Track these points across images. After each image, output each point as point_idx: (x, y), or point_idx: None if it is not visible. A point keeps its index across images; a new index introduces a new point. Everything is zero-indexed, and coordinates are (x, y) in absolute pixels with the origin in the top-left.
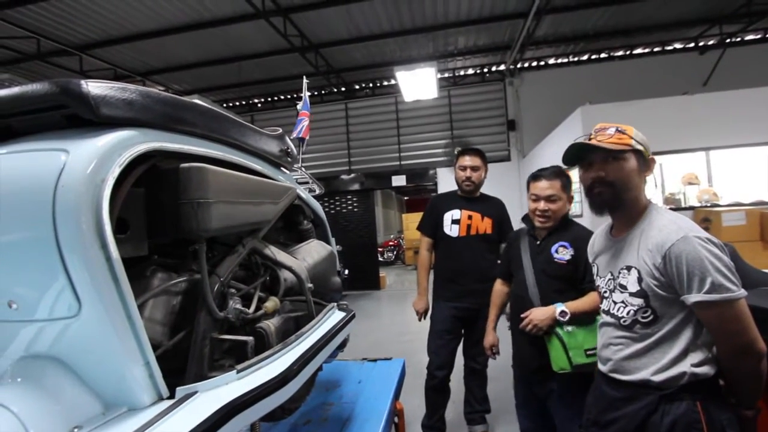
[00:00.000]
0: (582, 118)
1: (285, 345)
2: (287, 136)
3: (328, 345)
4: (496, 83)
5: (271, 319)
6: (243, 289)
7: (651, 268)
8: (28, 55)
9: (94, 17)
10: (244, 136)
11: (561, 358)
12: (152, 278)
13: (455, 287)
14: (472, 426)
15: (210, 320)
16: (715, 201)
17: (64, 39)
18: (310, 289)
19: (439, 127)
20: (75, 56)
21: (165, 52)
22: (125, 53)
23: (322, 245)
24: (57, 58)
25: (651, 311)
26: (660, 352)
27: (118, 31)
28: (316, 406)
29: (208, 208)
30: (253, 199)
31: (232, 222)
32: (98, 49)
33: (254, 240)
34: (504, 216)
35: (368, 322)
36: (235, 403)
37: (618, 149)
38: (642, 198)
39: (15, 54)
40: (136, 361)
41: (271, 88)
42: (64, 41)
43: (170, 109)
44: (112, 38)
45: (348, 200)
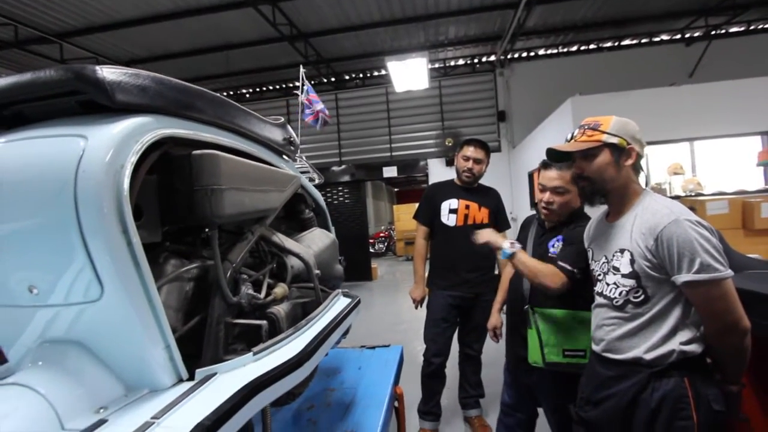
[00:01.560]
0: (572, 109)
1: (297, 329)
2: (289, 125)
3: (337, 329)
4: (487, 74)
5: (281, 304)
6: (253, 276)
7: (643, 250)
8: (5, 43)
9: (74, 3)
10: (250, 124)
11: (535, 352)
12: (166, 264)
13: (452, 276)
14: (467, 410)
15: (224, 305)
16: (699, 190)
17: (43, 26)
18: (318, 275)
19: (430, 117)
20: (55, 44)
21: (149, 41)
22: (107, 41)
23: (324, 233)
24: (36, 46)
25: (642, 291)
26: (651, 331)
27: (100, 19)
28: (319, 391)
29: (221, 195)
30: (262, 186)
31: (243, 209)
32: (79, 37)
33: (262, 227)
34: (500, 206)
35: (362, 313)
36: (254, 383)
37: (584, 148)
38: (632, 185)
39: None
40: (157, 343)
41: (259, 78)
42: (43, 29)
43: (182, 96)
44: (94, 26)
45: (339, 192)
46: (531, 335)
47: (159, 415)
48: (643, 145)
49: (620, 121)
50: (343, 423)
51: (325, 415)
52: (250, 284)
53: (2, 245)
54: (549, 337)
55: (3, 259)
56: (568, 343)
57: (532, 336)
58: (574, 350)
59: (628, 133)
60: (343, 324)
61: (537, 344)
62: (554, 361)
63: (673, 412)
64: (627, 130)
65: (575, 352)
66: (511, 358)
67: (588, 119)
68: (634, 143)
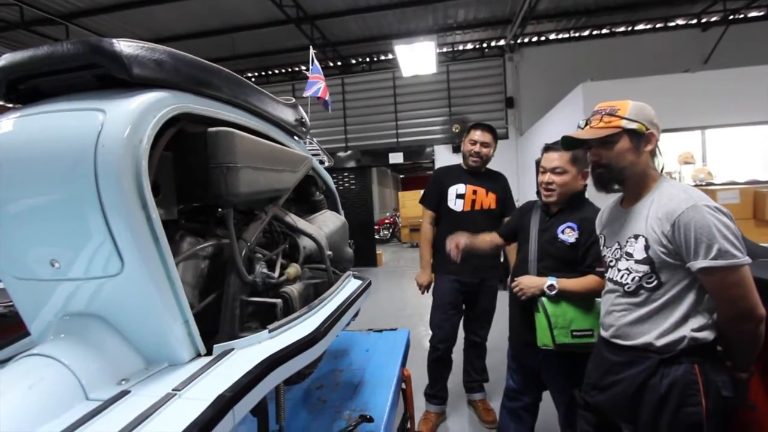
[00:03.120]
0: (583, 95)
1: (310, 308)
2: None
3: (348, 311)
4: (496, 59)
5: (294, 284)
6: (267, 255)
7: (659, 235)
8: (10, 24)
9: None
10: (264, 104)
11: (545, 334)
12: (182, 242)
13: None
14: (471, 394)
15: (239, 283)
16: (709, 180)
17: (48, 7)
18: (330, 256)
19: (437, 103)
20: (60, 25)
21: (154, 22)
22: (113, 23)
23: (335, 215)
24: (41, 27)
25: (655, 277)
26: (662, 317)
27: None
28: (328, 372)
29: (237, 173)
30: (276, 166)
31: (258, 188)
32: (84, 18)
33: (275, 207)
34: (507, 191)
35: (367, 299)
36: (271, 359)
37: (603, 135)
38: (649, 171)
39: None
40: (176, 318)
41: (265, 61)
42: (49, 9)
43: (198, 72)
44: (99, 6)
45: (345, 177)
46: (539, 319)
47: (180, 387)
48: (660, 129)
49: (637, 105)
50: (352, 402)
51: (335, 395)
52: (264, 263)
53: (24, 220)
54: (557, 319)
55: (26, 233)
56: (575, 323)
57: (540, 320)
58: (582, 330)
59: (646, 118)
60: (354, 305)
61: (546, 327)
62: (564, 342)
63: (682, 398)
64: (645, 114)
65: (583, 332)
66: (516, 343)
67: (603, 104)
68: (652, 128)
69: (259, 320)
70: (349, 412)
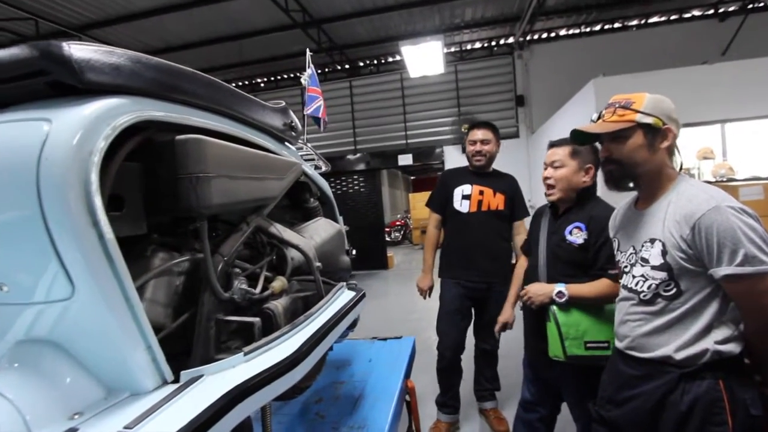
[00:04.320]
0: (595, 91)
1: (294, 326)
2: (290, 109)
3: (339, 325)
4: (505, 57)
5: (279, 299)
6: (248, 269)
7: (678, 240)
8: (27, 38)
9: None
10: (246, 108)
11: (556, 346)
12: (153, 258)
13: (465, 264)
14: (482, 402)
15: (214, 301)
16: (731, 176)
17: (62, 20)
18: (319, 268)
19: (446, 104)
20: (74, 37)
21: (165, 32)
22: (125, 33)
23: (329, 223)
24: (57, 40)
25: (674, 285)
26: (682, 328)
27: (116, 11)
28: (327, 384)
29: (208, 183)
30: (257, 174)
31: (235, 198)
32: (97, 29)
33: (259, 218)
34: (516, 192)
35: (376, 302)
36: (243, 387)
37: (615, 129)
38: (666, 170)
39: (14, 36)
40: (137, 344)
41: (273, 66)
42: (62, 22)
43: (164, 77)
44: (111, 18)
45: (354, 180)
46: (550, 329)
47: (132, 425)
48: (679, 125)
49: (654, 98)
50: (352, 418)
51: (334, 409)
52: (245, 279)
53: None
54: (569, 329)
55: None
56: (589, 334)
57: (552, 330)
58: (597, 342)
59: (663, 112)
60: (345, 319)
61: (557, 338)
62: (576, 354)
63: (706, 416)
64: (662, 108)
65: (598, 344)
66: (531, 353)
67: (617, 96)
68: (670, 123)
69: (243, 339)
70: (346, 429)
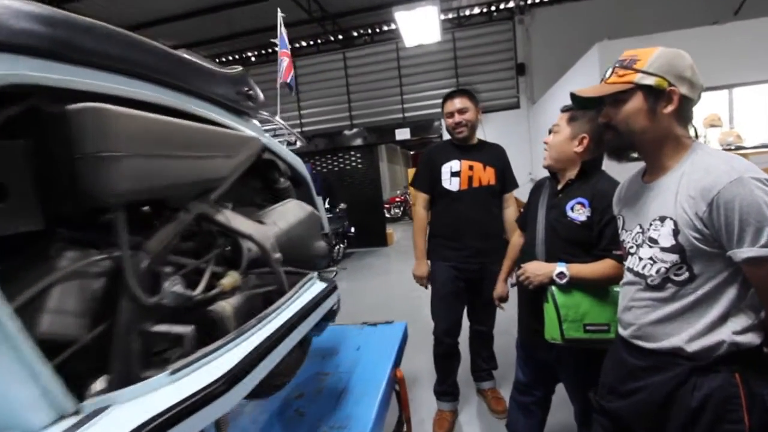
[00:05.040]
0: (600, 56)
1: (240, 332)
2: (249, 76)
3: (303, 323)
4: (505, 22)
5: (230, 298)
6: (189, 265)
7: (692, 217)
8: None
9: None
10: (183, 74)
11: (553, 327)
12: (58, 258)
13: (456, 245)
14: (480, 383)
15: (135, 308)
16: (739, 143)
17: None
18: (279, 260)
19: (444, 74)
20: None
21: (150, 3)
22: (109, 6)
23: (300, 206)
24: None
25: (687, 268)
26: (695, 316)
27: None
28: (311, 376)
29: (116, 164)
30: (194, 151)
31: (160, 181)
32: (78, 2)
33: (203, 204)
34: (506, 163)
35: (377, 279)
36: (161, 418)
37: (611, 92)
38: (675, 137)
39: None
40: (17, 375)
41: (263, 38)
42: None
43: (59, 31)
44: None
45: (351, 156)
46: (548, 310)
47: None
48: (697, 85)
49: (663, 54)
50: (333, 416)
51: (315, 406)
52: (180, 278)
53: None
54: (568, 311)
55: None
56: (589, 317)
57: (549, 311)
58: (597, 324)
59: (672, 71)
60: (313, 315)
61: (555, 319)
62: (574, 337)
63: (720, 413)
64: (672, 66)
65: (598, 327)
66: (525, 333)
67: (627, 53)
68: (678, 84)
69: None
70: (327, 428)
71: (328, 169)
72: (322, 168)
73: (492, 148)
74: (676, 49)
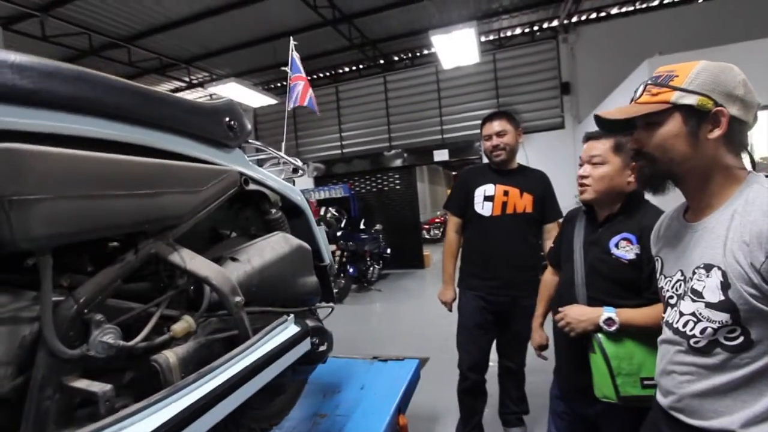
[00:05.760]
0: (649, 73)
1: (175, 389)
2: (235, 107)
3: (264, 372)
4: (548, 42)
5: (178, 347)
6: (136, 310)
7: (746, 269)
8: (83, 52)
9: (136, 8)
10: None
11: (605, 383)
12: None
13: (485, 275)
14: (508, 428)
15: (54, 361)
16: None
17: (112, 32)
18: (239, 303)
19: (484, 95)
20: (123, 48)
21: (203, 37)
22: (167, 42)
23: (284, 240)
24: (109, 51)
25: (742, 332)
26: (753, 394)
27: (158, 20)
28: (306, 417)
29: (29, 208)
30: (139, 189)
31: (94, 223)
32: (143, 39)
33: (158, 242)
34: (547, 191)
35: (411, 303)
36: None
37: (642, 114)
38: (725, 168)
39: (73, 51)
40: None
41: (308, 66)
42: (112, 34)
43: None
44: (154, 27)
45: (389, 177)
46: (595, 361)
47: None
48: (751, 105)
49: (707, 68)
50: None
51: None
52: (113, 327)
53: None
54: (621, 363)
55: None
56: (646, 369)
57: (597, 362)
58: None
59: (718, 88)
60: (279, 362)
61: (606, 374)
62: (632, 394)
63: None
64: (718, 82)
65: None
66: (566, 387)
67: (662, 68)
68: (727, 103)
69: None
70: None
71: (367, 189)
72: (360, 189)
73: (532, 173)
74: (724, 63)
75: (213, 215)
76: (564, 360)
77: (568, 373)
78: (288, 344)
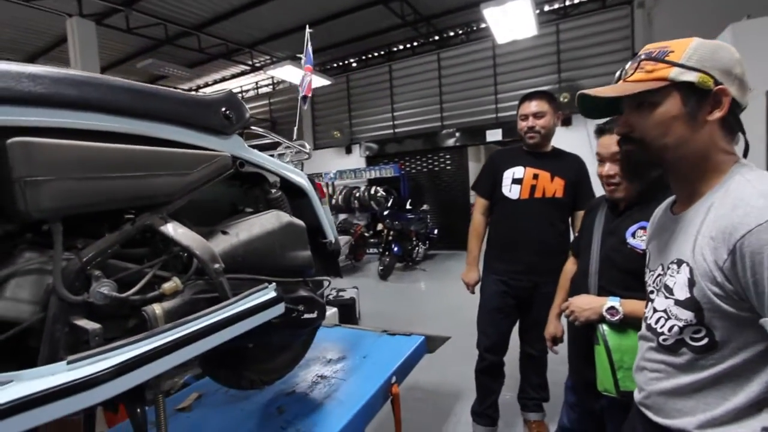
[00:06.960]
0: (733, 40)
1: (150, 334)
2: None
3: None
4: (621, 8)
5: (165, 302)
6: (131, 269)
7: (711, 266)
8: (160, 41)
9: None
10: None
11: (606, 377)
12: (17, 257)
13: (507, 258)
14: (526, 413)
15: (62, 304)
16: None
17: (184, 21)
18: (219, 270)
19: (544, 70)
20: (193, 36)
21: (263, 21)
22: (232, 27)
23: (276, 216)
24: (182, 40)
25: (706, 332)
26: (717, 397)
27: (223, 8)
28: (309, 377)
29: (39, 187)
30: (135, 171)
31: (91, 199)
32: (210, 27)
33: (152, 216)
34: (582, 177)
35: (453, 284)
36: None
37: (634, 92)
38: (715, 154)
39: (153, 41)
40: None
41: (362, 46)
42: (184, 23)
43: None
44: (219, 15)
45: (440, 158)
46: (599, 354)
47: None
48: (746, 87)
49: (704, 44)
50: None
51: (296, 406)
52: (110, 282)
53: None
54: (623, 356)
55: None
56: None
57: (600, 355)
58: None
59: (717, 65)
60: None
61: (607, 367)
62: (631, 390)
63: None
64: (717, 59)
65: None
66: (576, 379)
67: (653, 45)
68: (727, 82)
69: None
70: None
71: (418, 170)
72: (411, 169)
73: (567, 157)
74: (718, 41)
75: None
76: (574, 352)
77: (578, 365)
78: (258, 306)
